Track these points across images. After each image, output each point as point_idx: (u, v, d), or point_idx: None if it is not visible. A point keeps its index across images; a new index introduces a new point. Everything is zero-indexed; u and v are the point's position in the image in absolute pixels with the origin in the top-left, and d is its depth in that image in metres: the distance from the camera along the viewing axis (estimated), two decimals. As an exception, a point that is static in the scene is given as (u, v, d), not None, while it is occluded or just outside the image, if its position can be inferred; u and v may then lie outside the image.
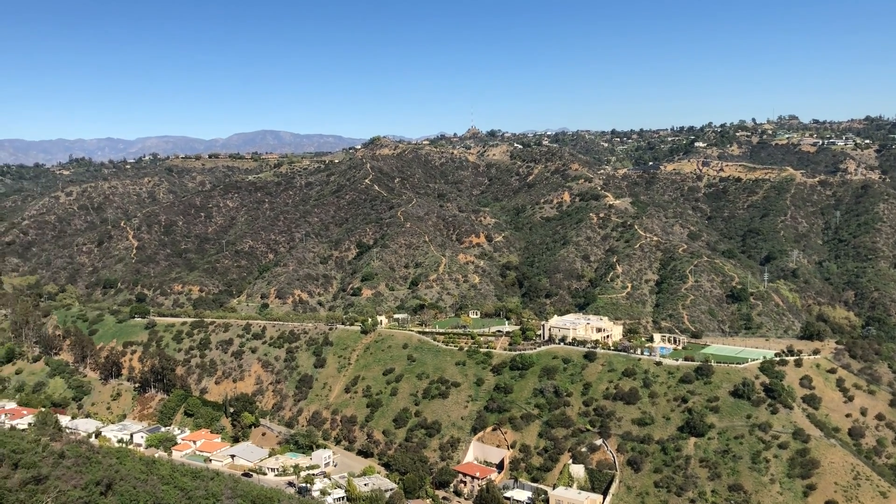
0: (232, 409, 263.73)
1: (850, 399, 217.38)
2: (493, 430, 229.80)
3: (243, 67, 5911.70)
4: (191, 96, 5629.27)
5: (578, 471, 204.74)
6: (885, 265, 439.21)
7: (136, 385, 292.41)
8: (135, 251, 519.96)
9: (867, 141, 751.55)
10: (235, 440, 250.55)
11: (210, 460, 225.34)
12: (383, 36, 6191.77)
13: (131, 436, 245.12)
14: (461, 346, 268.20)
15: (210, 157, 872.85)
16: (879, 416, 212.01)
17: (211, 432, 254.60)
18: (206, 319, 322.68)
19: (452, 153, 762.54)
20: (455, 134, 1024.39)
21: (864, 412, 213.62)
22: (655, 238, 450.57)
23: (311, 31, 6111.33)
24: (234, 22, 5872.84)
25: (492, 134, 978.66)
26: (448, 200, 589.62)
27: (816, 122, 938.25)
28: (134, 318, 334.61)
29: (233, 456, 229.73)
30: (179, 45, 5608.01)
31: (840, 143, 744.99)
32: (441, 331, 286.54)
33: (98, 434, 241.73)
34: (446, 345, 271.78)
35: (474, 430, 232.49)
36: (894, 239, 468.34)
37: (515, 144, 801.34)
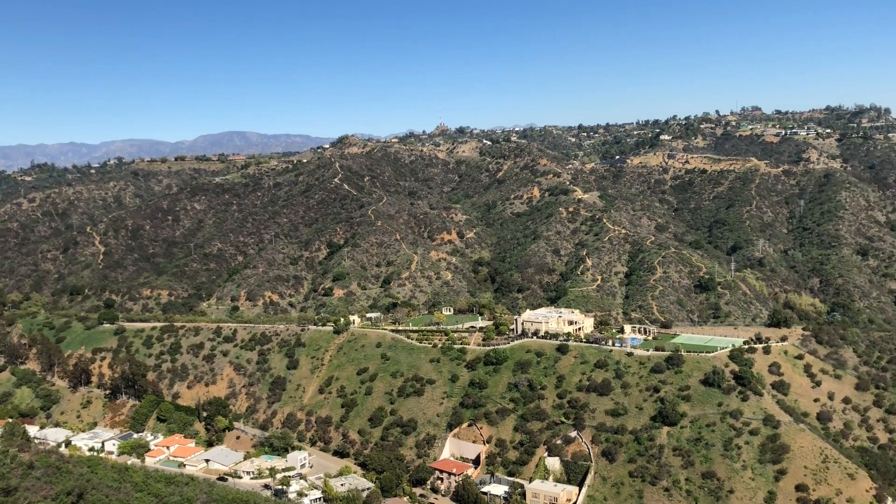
0: (205, 414, 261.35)
1: (818, 384, 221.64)
2: (469, 425, 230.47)
3: (208, 68, 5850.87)
4: (155, 99, 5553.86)
5: (554, 463, 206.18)
6: (848, 252, 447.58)
7: (107, 392, 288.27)
8: (101, 257, 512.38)
9: (828, 130, 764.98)
10: (209, 444, 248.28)
11: (184, 465, 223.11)
12: (349, 34, 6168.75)
13: (103, 444, 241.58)
14: (435, 344, 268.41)
15: (176, 159, 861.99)
16: (846, 400, 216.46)
17: (184, 437, 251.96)
18: (176, 324, 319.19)
19: (422, 151, 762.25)
20: (424, 131, 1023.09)
21: (831, 396, 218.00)
22: (624, 231, 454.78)
23: (277, 30, 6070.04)
24: (197, 22, 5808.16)
25: (461, 131, 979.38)
26: (419, 198, 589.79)
27: (779, 112, 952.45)
28: (102, 324, 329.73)
29: (207, 460, 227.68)
30: (143, 47, 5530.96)
31: (802, 132, 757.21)
32: (414, 328, 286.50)
33: (68, 443, 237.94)
34: (420, 342, 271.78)
35: (450, 427, 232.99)
36: (856, 226, 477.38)
37: (484, 141, 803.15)
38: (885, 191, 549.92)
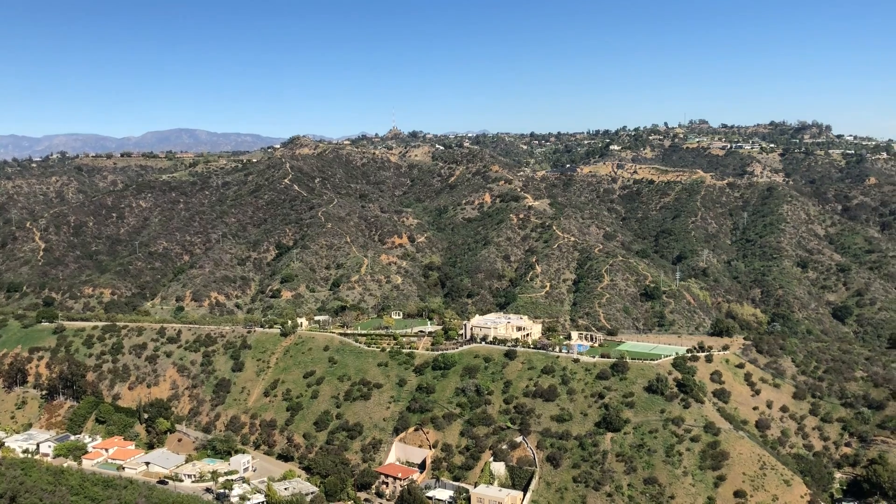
0: (146, 416, 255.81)
1: (757, 392, 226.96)
2: (416, 430, 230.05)
3: (158, 63, 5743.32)
4: (101, 93, 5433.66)
5: (499, 468, 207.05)
6: (788, 264, 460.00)
7: (44, 392, 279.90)
8: (42, 253, 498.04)
9: (772, 145, 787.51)
10: (150, 447, 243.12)
11: (123, 468, 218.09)
12: (302, 33, 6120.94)
13: (38, 445, 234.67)
14: (383, 348, 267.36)
15: (122, 155, 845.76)
16: (783, 408, 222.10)
17: (124, 439, 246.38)
18: (118, 323, 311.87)
19: (374, 153, 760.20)
20: (377, 134, 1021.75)
21: (769, 405, 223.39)
22: (573, 238, 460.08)
23: (228, 27, 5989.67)
24: (146, 16, 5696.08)
25: (413, 135, 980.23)
26: (370, 201, 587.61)
27: (725, 126, 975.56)
28: (41, 322, 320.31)
29: (147, 463, 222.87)
30: (89, 39, 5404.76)
31: (747, 146, 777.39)
32: (363, 332, 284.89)
33: (1, 445, 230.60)
34: (368, 346, 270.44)
35: (396, 431, 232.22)
36: (797, 239, 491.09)
37: (437, 146, 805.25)
38: (824, 205, 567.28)
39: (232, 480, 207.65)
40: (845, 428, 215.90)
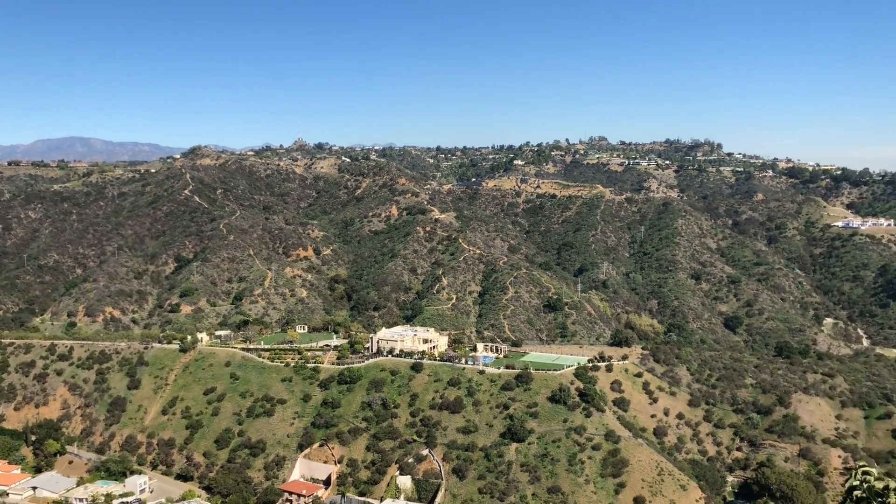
0: (34, 437, 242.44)
1: (655, 401, 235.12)
2: (321, 445, 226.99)
3: (49, 67, 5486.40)
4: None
5: (405, 482, 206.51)
6: (683, 276, 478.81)
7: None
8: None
9: (667, 162, 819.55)
10: (38, 470, 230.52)
11: (7, 494, 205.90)
12: (203, 39, 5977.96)
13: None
14: (287, 362, 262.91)
15: (10, 164, 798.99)
16: (679, 416, 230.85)
17: (9, 463, 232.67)
18: (3, 340, 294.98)
19: (279, 165, 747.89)
20: (282, 145, 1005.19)
21: (666, 412, 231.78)
22: (478, 251, 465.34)
23: (125, 31, 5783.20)
24: (36, 15, 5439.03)
25: (319, 147, 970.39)
26: (274, 213, 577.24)
27: (623, 143, 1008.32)
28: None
29: (34, 488, 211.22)
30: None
31: (644, 163, 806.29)
32: (266, 347, 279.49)
33: None
34: (272, 361, 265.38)
35: (301, 448, 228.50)
36: (691, 252, 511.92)
37: (343, 158, 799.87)
38: (715, 220, 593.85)
39: (127, 502, 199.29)
40: (736, 433, 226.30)
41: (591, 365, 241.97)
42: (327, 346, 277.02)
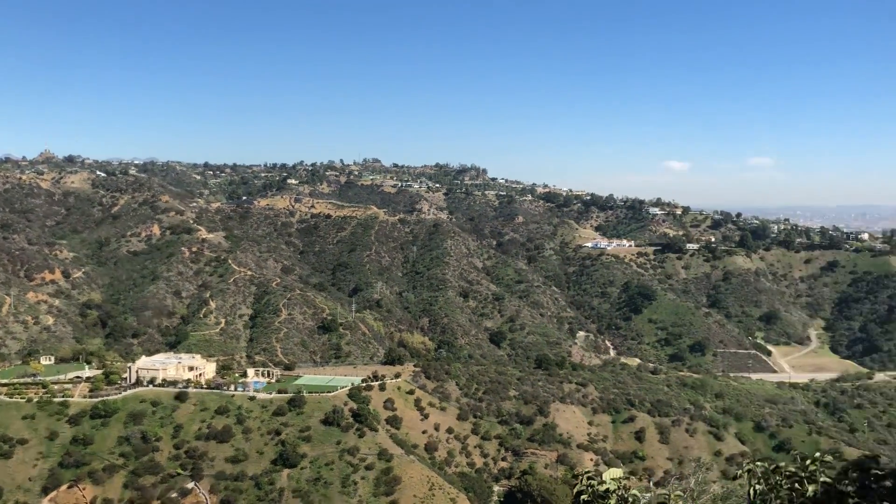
0: None
1: (426, 417, 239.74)
2: (70, 487, 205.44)
3: None
4: None
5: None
6: (452, 294, 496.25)
7: None
8: None
9: (437, 185, 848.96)
10: None
11: None
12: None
13: None
14: (30, 398, 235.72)
15: None
16: (449, 430, 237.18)
17: None
18: None
19: (20, 178, 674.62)
20: (24, 157, 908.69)
21: (437, 427, 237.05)
22: (249, 272, 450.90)
23: None
24: None
25: (70, 159, 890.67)
26: (14, 232, 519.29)
27: (396, 165, 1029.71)
28: None
29: None
30: None
31: (416, 185, 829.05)
32: (4, 382, 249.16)
33: None
34: (11, 397, 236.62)
35: (45, 491, 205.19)
36: (459, 271, 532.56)
37: (98, 172, 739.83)
38: (481, 240, 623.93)
39: None
40: (502, 444, 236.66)
41: (364, 385, 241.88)
42: (78, 377, 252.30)
